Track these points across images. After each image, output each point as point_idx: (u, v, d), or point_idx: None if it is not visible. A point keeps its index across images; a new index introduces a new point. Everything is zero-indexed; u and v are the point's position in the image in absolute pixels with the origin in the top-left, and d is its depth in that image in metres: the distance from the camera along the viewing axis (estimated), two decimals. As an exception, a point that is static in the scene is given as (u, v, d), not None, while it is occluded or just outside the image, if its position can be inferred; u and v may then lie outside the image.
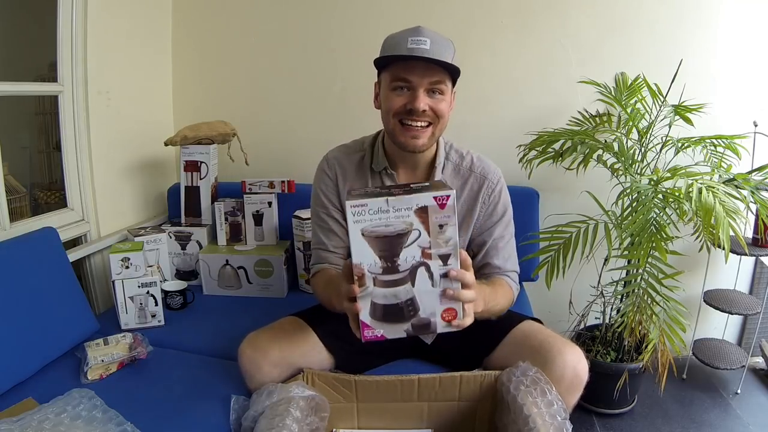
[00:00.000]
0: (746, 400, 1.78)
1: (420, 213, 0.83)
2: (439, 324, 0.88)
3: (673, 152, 1.66)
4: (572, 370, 1.05)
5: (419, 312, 0.87)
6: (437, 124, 1.09)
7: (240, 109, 2.04)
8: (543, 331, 1.14)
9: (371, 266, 0.85)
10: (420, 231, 0.83)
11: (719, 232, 1.21)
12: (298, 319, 1.23)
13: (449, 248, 0.84)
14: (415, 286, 0.86)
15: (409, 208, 0.82)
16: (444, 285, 0.86)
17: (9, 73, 1.97)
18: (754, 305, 1.72)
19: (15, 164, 1.99)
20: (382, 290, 0.86)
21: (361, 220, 0.83)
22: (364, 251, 0.84)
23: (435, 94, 1.07)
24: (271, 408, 1.04)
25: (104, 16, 1.64)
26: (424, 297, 0.87)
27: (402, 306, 0.87)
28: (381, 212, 0.83)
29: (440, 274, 0.85)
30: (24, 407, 1.07)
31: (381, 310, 0.87)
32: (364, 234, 0.83)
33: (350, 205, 0.83)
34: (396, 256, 0.84)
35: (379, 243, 0.84)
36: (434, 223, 0.83)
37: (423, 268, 0.85)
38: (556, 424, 0.96)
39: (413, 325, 0.88)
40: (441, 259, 0.85)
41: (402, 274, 0.85)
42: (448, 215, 0.83)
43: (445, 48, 1.07)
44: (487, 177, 1.19)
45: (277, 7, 1.94)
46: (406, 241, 0.84)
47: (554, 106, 1.84)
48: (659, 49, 1.75)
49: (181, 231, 1.81)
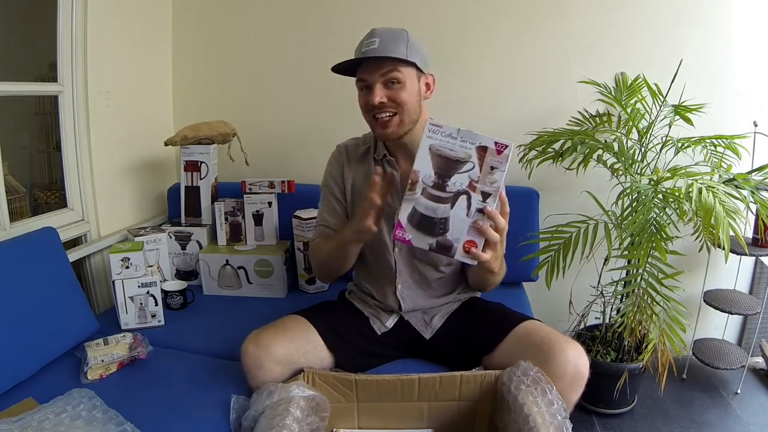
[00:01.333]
0: (746, 400, 1.78)
1: (480, 150, 0.96)
2: (459, 251, 0.99)
3: (673, 152, 1.66)
4: (573, 366, 1.05)
5: (447, 233, 0.99)
6: (402, 111, 1.16)
7: (240, 109, 2.04)
8: (544, 329, 1.15)
9: (426, 177, 0.98)
10: (474, 164, 0.96)
11: (719, 232, 1.21)
12: (300, 317, 1.24)
13: (492, 189, 0.96)
14: (453, 209, 0.98)
15: (473, 143, 0.96)
16: (476, 218, 0.97)
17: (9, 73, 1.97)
18: (754, 305, 1.72)
19: (15, 164, 2.00)
20: (426, 201, 0.99)
21: (432, 137, 0.97)
22: (426, 163, 0.97)
23: (392, 84, 1.14)
24: (272, 408, 1.04)
25: (104, 16, 1.64)
26: (456, 221, 0.98)
27: (436, 221, 0.99)
28: (450, 137, 0.96)
29: (477, 207, 0.97)
30: (24, 407, 1.07)
31: (418, 217, 1.00)
32: (431, 149, 0.97)
33: (430, 123, 0.96)
34: (448, 177, 0.97)
35: (439, 161, 0.97)
36: (488, 163, 0.96)
37: (465, 197, 0.98)
38: (556, 423, 0.96)
39: (438, 242, 1.00)
40: (482, 195, 0.97)
41: (447, 194, 0.98)
42: (501, 161, 0.95)
43: (394, 41, 1.13)
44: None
45: (277, 7, 1.94)
46: (461, 168, 0.97)
47: (554, 106, 1.84)
48: (659, 49, 1.75)
49: (181, 231, 1.81)
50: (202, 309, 1.65)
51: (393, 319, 1.30)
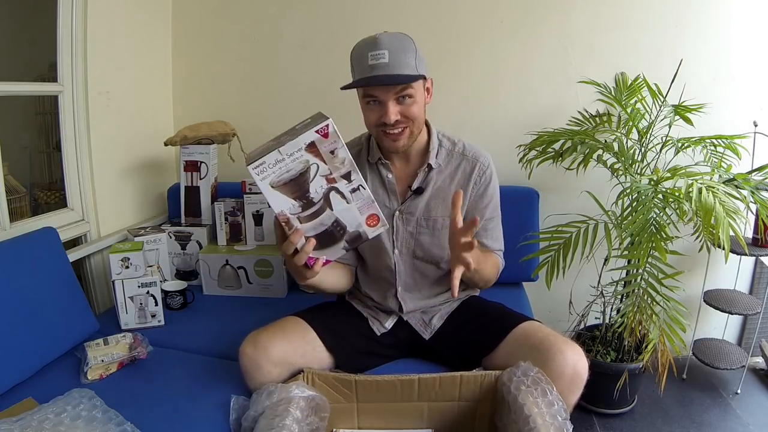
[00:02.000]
0: (746, 400, 1.78)
1: (310, 149, 0.92)
2: (368, 231, 1.00)
3: (673, 152, 1.66)
4: (572, 368, 1.05)
5: (347, 228, 0.99)
6: (413, 124, 1.16)
7: (240, 109, 2.04)
8: (543, 330, 1.14)
9: (291, 209, 0.96)
10: (317, 163, 0.94)
11: (719, 232, 1.21)
12: (298, 318, 1.24)
13: (347, 167, 0.95)
14: (333, 209, 0.98)
15: (299, 149, 0.92)
16: (356, 199, 0.97)
17: (9, 73, 1.97)
18: (754, 305, 1.72)
19: (15, 164, 2.00)
20: (309, 224, 0.98)
21: (266, 177, 0.92)
22: (280, 200, 0.95)
23: (405, 99, 1.12)
24: (271, 408, 1.04)
25: (104, 16, 1.64)
26: (345, 215, 0.98)
27: (331, 230, 0.99)
28: (279, 162, 0.92)
29: (349, 190, 0.97)
30: (24, 407, 1.07)
31: (315, 239, 0.99)
32: (273, 186, 0.93)
33: (252, 168, 0.92)
34: (307, 191, 0.95)
35: (288, 188, 0.94)
36: (325, 152, 0.93)
37: (333, 192, 0.96)
38: (556, 424, 0.96)
39: (347, 240, 1.01)
40: (344, 178, 0.96)
41: (318, 204, 0.97)
42: (334, 140, 0.92)
43: (404, 54, 1.09)
44: (478, 160, 1.26)
45: (276, 7, 1.94)
46: (309, 176, 0.94)
47: (554, 106, 1.84)
48: (659, 49, 1.75)
49: (181, 231, 1.81)
50: (202, 309, 1.65)
51: (392, 320, 1.30)
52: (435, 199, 1.24)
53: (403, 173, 1.26)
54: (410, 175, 1.26)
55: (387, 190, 1.26)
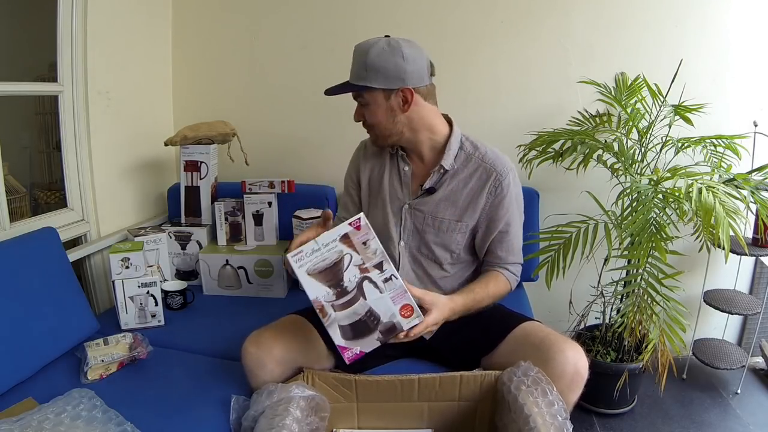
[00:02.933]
0: (746, 400, 1.78)
1: (344, 240, 1.00)
2: (402, 322, 1.03)
3: (673, 152, 1.66)
4: (573, 366, 1.05)
5: (381, 318, 1.02)
6: (375, 128, 1.23)
7: (240, 109, 2.04)
8: (543, 330, 1.15)
9: (326, 296, 1.01)
10: (351, 254, 1.00)
11: (719, 232, 1.21)
12: (300, 317, 1.24)
13: (378, 257, 1.01)
14: (366, 298, 1.01)
15: (334, 240, 1.00)
16: (389, 289, 1.01)
17: (9, 73, 1.97)
18: (754, 305, 1.72)
19: (15, 164, 1.99)
20: (343, 313, 1.02)
21: (303, 264, 0.99)
22: (316, 287, 1.00)
23: (363, 106, 1.22)
24: (271, 408, 1.04)
25: (104, 16, 1.64)
26: (378, 304, 1.02)
27: (365, 319, 1.02)
28: (315, 252, 0.99)
29: (382, 280, 1.01)
30: (24, 407, 1.07)
31: (349, 329, 1.02)
32: (309, 274, 1.00)
33: (290, 256, 0.99)
34: (341, 280, 1.00)
35: (323, 276, 1.00)
36: (358, 242, 1.00)
37: (367, 281, 1.01)
38: (556, 424, 0.96)
39: (381, 331, 1.03)
40: (377, 268, 1.01)
41: (352, 293, 1.01)
42: (365, 233, 1.00)
43: (356, 66, 1.18)
44: (495, 169, 1.23)
45: (276, 7, 1.94)
46: (343, 266, 1.00)
47: (554, 106, 1.84)
48: (659, 49, 1.75)
49: (181, 231, 1.81)
50: (202, 309, 1.65)
51: None
52: (445, 201, 1.25)
53: (419, 168, 1.29)
54: (425, 173, 1.27)
55: (401, 183, 1.29)
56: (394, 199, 1.29)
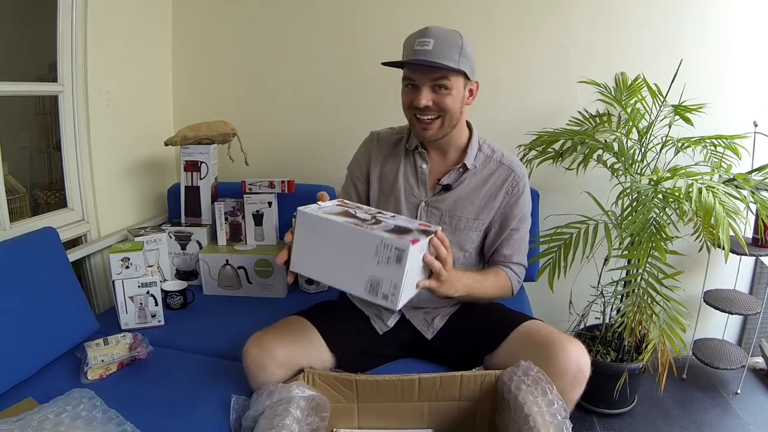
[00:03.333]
0: (746, 400, 1.78)
1: (340, 204, 1.01)
2: (426, 230, 0.98)
3: (673, 152, 1.66)
4: (576, 363, 1.05)
5: (409, 227, 0.96)
6: (445, 116, 1.17)
7: (240, 109, 2.04)
8: (545, 328, 1.15)
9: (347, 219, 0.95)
10: (353, 209, 1.00)
11: (719, 232, 1.21)
12: (301, 318, 1.24)
13: (374, 211, 1.01)
14: (386, 222, 0.97)
15: (332, 205, 1.00)
16: (399, 218, 1.00)
17: (9, 73, 1.97)
18: (754, 305, 1.72)
19: (15, 164, 1.99)
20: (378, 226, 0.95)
21: (318, 209, 0.96)
22: (335, 219, 0.93)
23: (440, 89, 1.15)
24: (271, 408, 1.04)
25: (104, 16, 1.64)
26: (399, 222, 0.98)
27: (399, 225, 0.97)
28: (319, 209, 0.96)
29: (389, 217, 0.99)
30: (24, 407, 1.06)
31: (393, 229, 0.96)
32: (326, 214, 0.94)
33: (302, 208, 0.94)
34: (355, 215, 0.97)
35: (338, 215, 0.96)
36: (352, 206, 1.00)
37: (379, 215, 0.99)
38: (556, 423, 0.96)
39: (416, 230, 0.96)
40: (380, 214, 1.00)
41: (371, 221, 0.96)
42: (354, 204, 1.03)
43: (448, 46, 1.12)
44: (514, 170, 1.27)
45: (276, 7, 1.94)
46: (352, 210, 0.99)
47: (554, 106, 1.84)
48: (659, 49, 1.75)
49: (181, 231, 1.81)
50: (202, 309, 1.65)
51: (394, 318, 1.30)
52: (464, 199, 1.25)
53: (437, 166, 1.28)
54: (444, 170, 1.27)
55: (418, 180, 1.28)
56: (410, 197, 1.28)
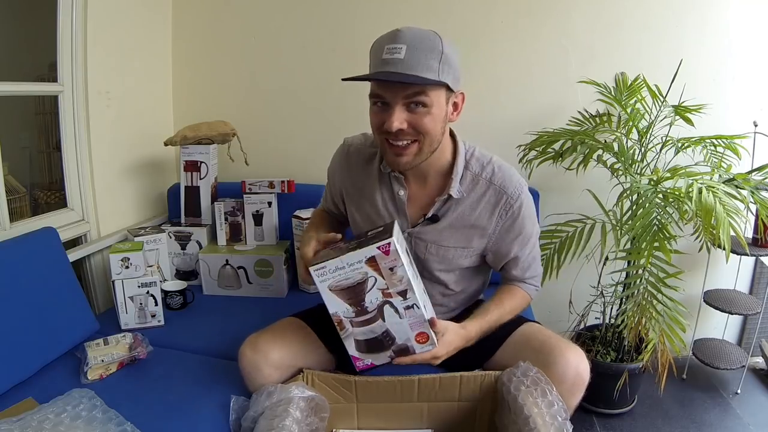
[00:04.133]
0: (746, 400, 1.78)
1: (371, 263, 0.95)
2: (416, 347, 1.02)
3: (673, 152, 1.66)
4: (574, 370, 1.04)
5: (396, 340, 1.02)
6: (424, 140, 1.00)
7: (240, 109, 2.04)
8: (544, 332, 1.14)
9: (345, 312, 1.00)
10: (375, 277, 0.96)
11: (719, 232, 1.21)
12: (298, 320, 1.23)
13: (404, 285, 0.97)
14: (385, 320, 1.00)
15: (360, 261, 0.95)
16: (409, 316, 0.99)
17: (9, 73, 1.97)
18: (754, 305, 1.72)
19: (15, 164, 2.00)
20: (360, 329, 1.01)
21: (325, 279, 0.97)
22: (336, 302, 0.99)
23: (416, 106, 0.97)
24: (271, 408, 1.04)
25: (104, 16, 1.64)
26: (396, 328, 1.00)
27: (380, 338, 1.02)
28: (339, 269, 0.96)
29: (403, 307, 0.99)
30: (24, 407, 1.07)
31: (364, 344, 1.03)
32: (331, 289, 0.98)
33: (313, 270, 0.96)
34: (362, 300, 0.98)
35: (344, 293, 0.98)
36: (384, 267, 0.95)
37: (388, 306, 0.99)
38: (556, 424, 0.96)
39: (394, 350, 1.03)
40: (400, 295, 0.98)
41: (371, 314, 0.99)
42: (394, 259, 0.94)
43: (425, 53, 0.93)
44: (506, 192, 1.11)
45: (276, 7, 1.94)
46: (366, 287, 0.97)
47: (554, 106, 1.84)
48: (659, 49, 1.75)
49: (181, 231, 1.81)
50: (202, 309, 1.65)
51: None
52: (450, 228, 1.13)
53: (417, 194, 1.14)
54: (426, 199, 1.13)
55: (397, 208, 1.15)
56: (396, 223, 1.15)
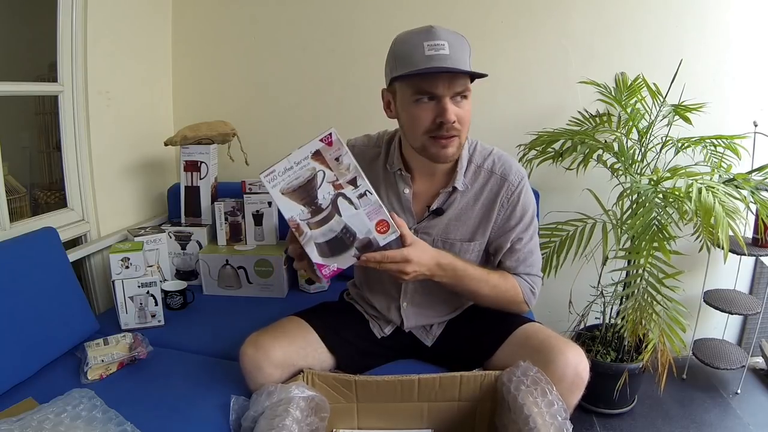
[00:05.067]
0: (746, 400, 1.78)
1: (316, 157, 0.98)
2: (379, 238, 1.01)
3: (673, 152, 1.66)
4: (573, 369, 1.04)
5: (357, 235, 1.01)
6: (463, 132, 1.05)
7: (240, 109, 2.04)
8: (543, 331, 1.14)
9: (300, 215, 0.99)
10: (324, 170, 0.98)
11: (719, 232, 1.21)
12: (299, 318, 1.23)
13: (352, 173, 0.98)
14: (342, 215, 1.00)
15: (306, 157, 0.98)
16: (364, 204, 0.99)
17: (9, 73, 1.97)
18: (754, 305, 1.72)
19: (15, 164, 1.99)
20: (318, 231, 1.00)
21: (276, 184, 0.97)
22: (290, 206, 0.99)
23: (462, 100, 1.02)
24: (271, 408, 1.04)
25: (104, 16, 1.64)
26: (354, 220, 1.00)
27: (341, 236, 1.00)
28: (287, 170, 0.98)
29: (356, 196, 0.99)
30: (24, 407, 1.06)
31: (325, 246, 1.01)
32: (283, 193, 0.98)
33: (263, 176, 0.97)
34: (315, 198, 0.99)
35: (297, 194, 0.98)
36: (330, 159, 0.98)
37: (341, 198, 0.99)
38: (556, 424, 0.96)
39: (357, 248, 1.01)
40: (350, 184, 0.99)
41: (326, 210, 0.99)
42: (338, 148, 0.98)
43: (463, 48, 1.01)
44: (507, 179, 1.14)
45: (276, 7, 1.94)
46: (316, 183, 0.98)
47: (554, 106, 1.84)
48: (659, 49, 1.75)
49: (181, 231, 1.81)
50: (202, 309, 1.65)
51: (391, 327, 1.29)
52: (456, 221, 1.15)
53: (423, 190, 1.17)
54: (431, 193, 1.16)
55: (402, 206, 1.17)
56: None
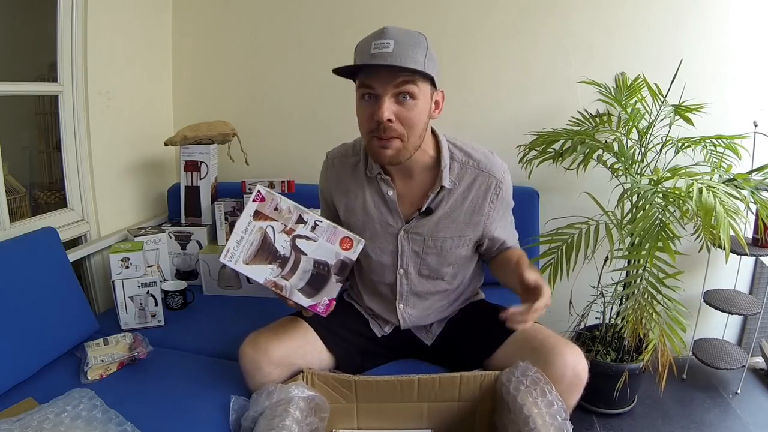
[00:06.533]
0: (746, 400, 1.78)
1: (258, 217, 1.04)
2: (349, 254, 1.06)
3: (673, 152, 1.66)
4: (572, 370, 1.04)
5: (329, 262, 1.06)
6: (409, 134, 1.02)
7: (240, 109, 2.04)
8: (542, 332, 1.13)
9: (272, 273, 1.04)
10: (270, 225, 1.03)
11: (719, 232, 1.21)
12: (299, 318, 1.23)
13: (295, 213, 1.05)
14: (307, 253, 1.05)
15: (249, 222, 1.03)
16: (320, 234, 1.05)
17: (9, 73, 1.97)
18: (754, 305, 1.72)
19: (15, 164, 1.99)
20: (294, 277, 1.05)
21: (237, 259, 1.03)
22: (259, 270, 1.04)
23: (405, 98, 0.99)
24: (271, 408, 1.04)
25: (104, 16, 1.64)
26: (319, 252, 1.05)
27: (316, 272, 1.05)
28: (240, 242, 1.03)
29: (309, 230, 1.05)
30: (24, 407, 1.07)
31: (307, 287, 1.05)
32: (247, 263, 1.03)
33: (223, 260, 1.02)
34: (276, 252, 1.04)
35: (259, 257, 1.04)
36: (270, 211, 1.03)
37: (298, 239, 1.04)
38: (556, 424, 0.96)
39: (335, 273, 1.06)
40: (299, 223, 1.05)
41: (292, 257, 1.04)
42: (271, 199, 1.03)
43: (412, 47, 0.97)
44: (494, 175, 1.15)
45: (277, 7, 1.94)
46: (271, 239, 1.04)
47: (554, 106, 1.84)
48: (659, 49, 1.75)
49: (181, 231, 1.81)
50: (202, 309, 1.65)
51: (390, 326, 1.29)
52: (445, 219, 1.15)
53: (407, 190, 1.16)
54: (418, 194, 1.16)
55: (389, 208, 1.17)
56: (386, 226, 1.17)
